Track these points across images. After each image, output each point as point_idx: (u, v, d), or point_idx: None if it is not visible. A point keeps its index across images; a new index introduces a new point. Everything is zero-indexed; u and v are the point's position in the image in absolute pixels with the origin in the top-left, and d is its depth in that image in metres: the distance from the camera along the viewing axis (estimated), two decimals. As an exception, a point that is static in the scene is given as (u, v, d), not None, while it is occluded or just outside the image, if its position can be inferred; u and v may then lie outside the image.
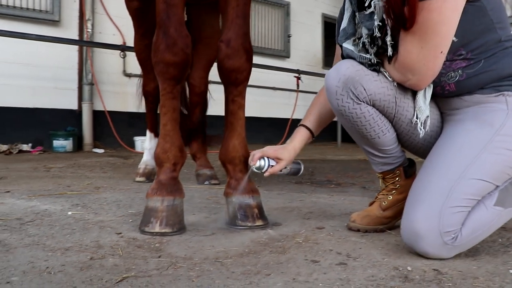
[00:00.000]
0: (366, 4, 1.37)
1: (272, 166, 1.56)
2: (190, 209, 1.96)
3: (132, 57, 3.53)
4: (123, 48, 4.96)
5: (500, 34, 1.30)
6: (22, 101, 5.43)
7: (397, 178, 1.56)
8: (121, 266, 1.16)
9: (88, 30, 5.79)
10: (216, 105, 3.22)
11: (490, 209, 1.27)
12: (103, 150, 5.61)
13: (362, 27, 1.40)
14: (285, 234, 1.53)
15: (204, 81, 3.03)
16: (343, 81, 1.39)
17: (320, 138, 7.81)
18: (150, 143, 3.10)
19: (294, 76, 7.13)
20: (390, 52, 1.33)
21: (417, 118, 1.41)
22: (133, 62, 4.58)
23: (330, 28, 8.51)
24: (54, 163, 3.99)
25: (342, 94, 1.41)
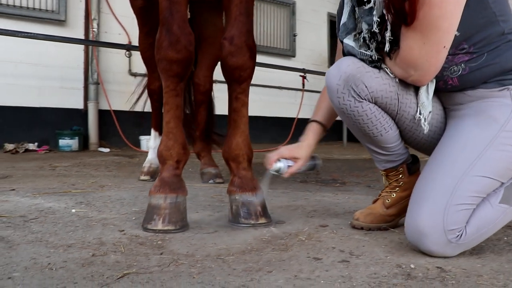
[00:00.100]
0: None
1: (290, 166, 1.56)
2: (193, 207, 1.96)
3: (137, 56, 3.53)
4: (129, 47, 4.97)
5: (503, 26, 1.28)
6: (28, 100, 5.46)
7: (400, 176, 1.54)
8: (122, 262, 1.16)
9: (94, 30, 5.81)
10: (219, 104, 3.21)
11: (495, 206, 1.26)
12: (109, 149, 5.62)
13: (362, 22, 1.39)
14: (288, 232, 1.53)
15: (208, 79, 3.03)
16: (344, 79, 1.38)
17: (326, 138, 7.80)
18: (155, 142, 3.10)
19: (300, 75, 7.12)
20: (387, 48, 1.32)
21: (420, 114, 1.40)
22: (138, 61, 4.58)
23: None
24: (59, 162, 4.00)
25: (344, 92, 1.39)
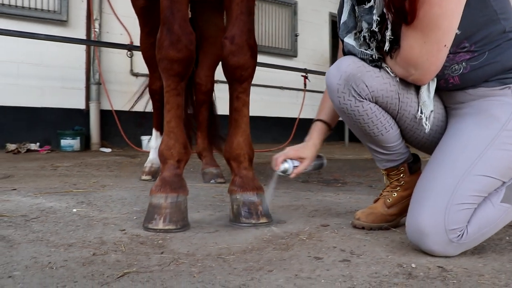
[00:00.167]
0: None
1: (296, 167, 1.56)
2: (195, 206, 1.96)
3: (139, 56, 3.53)
4: (130, 47, 4.97)
5: (504, 25, 1.27)
6: (30, 100, 5.47)
7: (401, 175, 1.54)
8: (123, 261, 1.16)
9: (95, 30, 5.82)
10: (221, 104, 3.21)
11: (496, 206, 1.25)
12: (110, 149, 5.63)
13: (362, 21, 1.38)
14: (289, 232, 1.52)
15: (210, 79, 3.03)
16: (345, 78, 1.38)
17: (328, 138, 7.81)
18: (156, 142, 3.10)
19: (302, 75, 7.11)
20: (387, 47, 1.32)
21: (421, 113, 1.39)
22: (140, 61, 4.58)
23: (338, 27, 8.47)
24: (61, 162, 4.01)
25: (344, 92, 1.39)
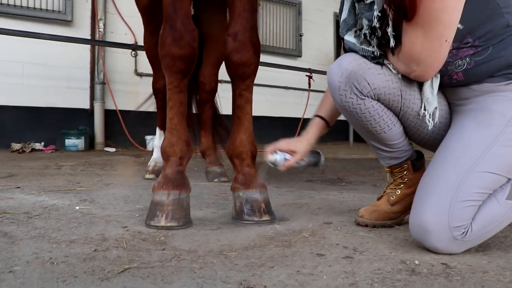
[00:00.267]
0: None
1: (286, 159, 1.54)
2: (197, 204, 1.95)
3: (143, 56, 3.53)
4: (135, 47, 4.98)
5: (507, 19, 1.26)
6: (35, 100, 5.49)
7: (405, 172, 1.53)
8: (124, 258, 1.15)
9: (100, 30, 5.83)
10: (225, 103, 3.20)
11: (502, 203, 1.24)
12: (115, 149, 5.64)
13: (362, 18, 1.37)
14: (291, 229, 1.51)
15: (214, 78, 3.02)
16: (346, 76, 1.36)
17: (332, 138, 7.78)
18: (160, 141, 3.09)
19: (306, 75, 7.09)
20: (392, 43, 1.30)
21: (424, 110, 1.38)
22: (144, 61, 4.57)
23: (342, 27, 8.44)
24: (65, 161, 4.02)
25: (345, 90, 1.37)
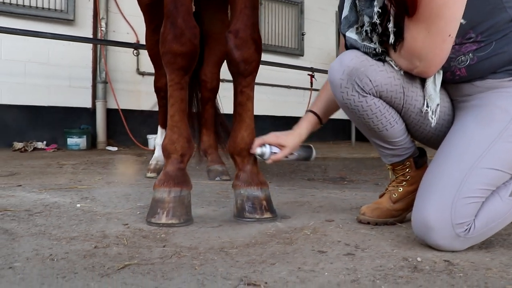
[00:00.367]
0: None
1: (274, 153, 1.51)
2: (199, 202, 1.95)
3: (145, 55, 3.53)
4: (137, 46, 4.98)
5: (510, 13, 1.24)
6: (37, 99, 5.48)
7: (407, 170, 1.51)
8: (124, 254, 1.15)
9: (102, 29, 5.82)
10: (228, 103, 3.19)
11: (505, 200, 1.23)
12: (117, 148, 5.63)
13: (363, 15, 1.35)
14: (293, 226, 1.51)
15: (216, 76, 3.02)
16: (348, 73, 1.35)
17: (334, 137, 7.76)
18: (162, 139, 3.09)
19: (308, 74, 7.07)
20: (392, 39, 1.29)
21: (427, 106, 1.37)
22: (146, 60, 4.56)
23: (345, 26, 8.42)
24: (67, 160, 4.01)
25: (347, 87, 1.36)
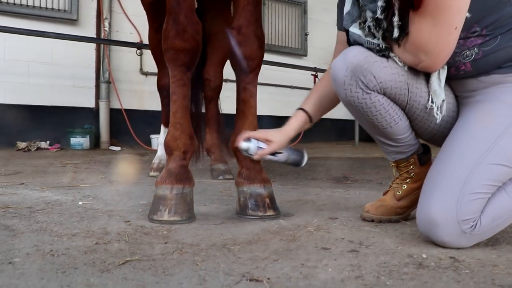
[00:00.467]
0: None
1: (261, 148, 1.46)
2: (201, 200, 1.93)
3: (148, 55, 3.52)
4: (140, 45, 4.98)
5: None
6: (40, 99, 5.49)
7: (411, 167, 1.49)
8: (125, 250, 1.14)
9: (105, 29, 5.83)
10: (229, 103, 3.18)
11: (511, 195, 1.21)
12: (120, 148, 5.63)
13: (366, 10, 1.33)
14: (296, 224, 1.49)
15: (219, 75, 3.01)
16: (351, 69, 1.32)
17: (338, 137, 7.73)
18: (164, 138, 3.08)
19: (311, 74, 7.07)
20: (396, 33, 1.26)
21: (432, 102, 1.35)
22: (149, 60, 4.56)
23: (348, 26, 8.41)
24: (70, 160, 4.01)
25: (351, 84, 1.34)
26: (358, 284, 0.92)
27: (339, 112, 1.67)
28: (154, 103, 5.71)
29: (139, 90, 6.12)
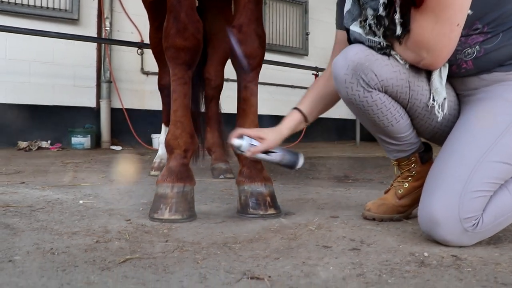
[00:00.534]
0: None
1: (253, 145, 1.42)
2: (202, 199, 1.93)
3: (149, 55, 3.51)
4: (141, 45, 4.98)
5: None
6: (41, 98, 5.49)
7: (413, 165, 1.49)
8: (126, 249, 1.13)
9: (106, 29, 5.83)
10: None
11: (514, 194, 1.20)
12: (121, 147, 5.63)
13: (367, 8, 1.32)
14: (297, 222, 1.49)
15: (220, 74, 3.00)
16: (352, 68, 1.31)
17: (339, 137, 7.71)
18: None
19: (313, 73, 7.05)
20: (399, 31, 1.25)
21: (433, 100, 1.34)
22: (150, 60, 4.55)
23: (349, 26, 8.40)
24: (71, 159, 4.01)
25: (352, 82, 1.33)
26: (360, 282, 0.91)
27: (340, 111, 1.67)
28: (155, 103, 5.72)
29: (140, 90, 6.11)
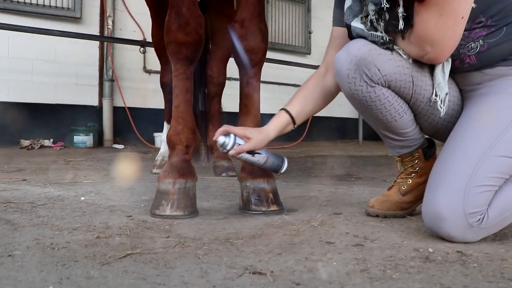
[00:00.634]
0: None
1: (238, 144, 1.37)
2: (204, 196, 1.92)
3: (152, 53, 3.51)
4: (143, 43, 4.97)
5: None
6: (44, 97, 5.49)
7: (416, 161, 1.47)
8: (127, 244, 1.12)
9: (109, 27, 5.82)
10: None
11: (519, 189, 1.18)
12: (123, 146, 5.62)
13: (368, 4, 1.30)
14: (300, 219, 1.47)
15: (222, 71, 2.99)
16: (355, 62, 1.30)
17: (341, 136, 7.69)
18: (167, 135, 3.06)
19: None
20: (401, 25, 1.24)
21: (436, 95, 1.32)
22: (153, 58, 4.54)
23: (352, 25, 8.37)
24: (73, 157, 4.00)
25: (355, 77, 1.31)
26: (364, 277, 0.90)
27: (343, 110, 1.65)
28: (157, 101, 5.71)
29: (143, 88, 6.11)
